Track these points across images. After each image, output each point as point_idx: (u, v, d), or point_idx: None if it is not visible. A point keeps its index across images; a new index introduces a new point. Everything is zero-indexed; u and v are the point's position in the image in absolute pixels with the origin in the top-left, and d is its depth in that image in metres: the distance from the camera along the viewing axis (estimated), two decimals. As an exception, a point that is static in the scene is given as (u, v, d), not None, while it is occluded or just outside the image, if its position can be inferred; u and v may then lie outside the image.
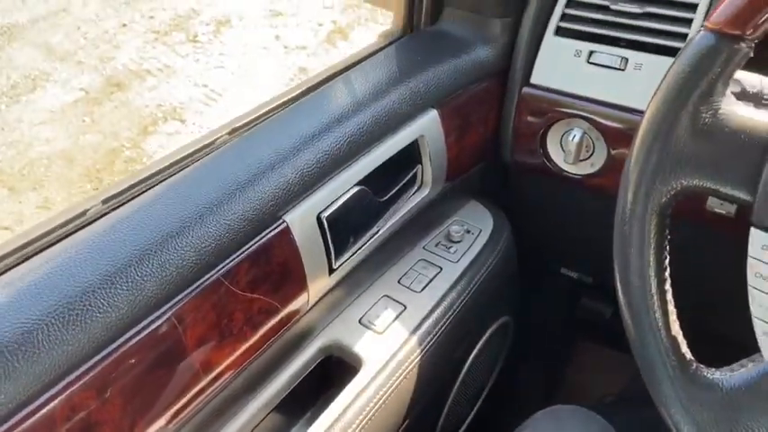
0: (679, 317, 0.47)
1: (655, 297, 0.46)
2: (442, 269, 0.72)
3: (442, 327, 0.68)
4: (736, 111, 0.42)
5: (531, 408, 0.72)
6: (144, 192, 0.53)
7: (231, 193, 0.52)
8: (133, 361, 0.45)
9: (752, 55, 0.41)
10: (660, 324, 0.46)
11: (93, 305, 0.43)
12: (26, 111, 2.75)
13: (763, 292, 0.43)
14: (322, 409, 0.59)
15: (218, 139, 0.58)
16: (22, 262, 0.46)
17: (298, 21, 3.28)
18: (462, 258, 0.74)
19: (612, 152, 0.69)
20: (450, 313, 0.69)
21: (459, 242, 0.76)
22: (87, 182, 2.33)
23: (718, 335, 0.65)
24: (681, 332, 0.47)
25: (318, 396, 0.64)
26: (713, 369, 0.46)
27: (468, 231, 0.77)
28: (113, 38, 3.28)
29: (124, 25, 3.36)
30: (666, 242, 0.46)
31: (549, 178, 0.75)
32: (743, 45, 0.41)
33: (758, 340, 0.44)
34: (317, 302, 0.61)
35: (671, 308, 0.46)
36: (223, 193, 0.51)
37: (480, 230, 0.77)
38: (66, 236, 0.49)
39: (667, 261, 0.46)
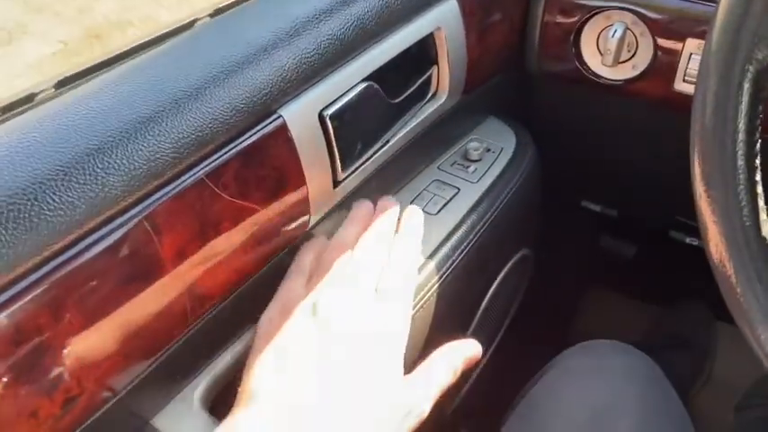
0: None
1: (743, 189, 0.37)
2: (459, 190, 0.63)
3: (461, 253, 0.59)
4: None
5: (542, 355, 0.65)
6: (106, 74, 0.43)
7: (215, 76, 0.42)
8: (96, 273, 0.36)
9: None
10: (749, 223, 0.37)
11: (40, 200, 0.34)
12: (2, 64, 2.61)
13: None
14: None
15: (197, 20, 0.48)
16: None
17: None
18: (482, 179, 0.65)
19: (660, 50, 0.60)
20: (470, 239, 0.60)
21: (478, 161, 0.67)
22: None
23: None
24: (772, 235, 0.38)
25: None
26: None
27: (489, 150, 0.68)
28: (92, -12, 3.11)
29: (103, -25, 3.19)
30: (759, 123, 0.37)
31: (580, 88, 0.66)
32: None
33: None
34: (318, 223, 0.52)
35: (761, 203, 0.38)
36: (205, 76, 0.42)
37: (502, 149, 0.68)
38: (7, 120, 0.39)
39: (758, 147, 0.37)
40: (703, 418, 1.09)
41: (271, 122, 0.44)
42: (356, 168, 0.53)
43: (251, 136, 0.43)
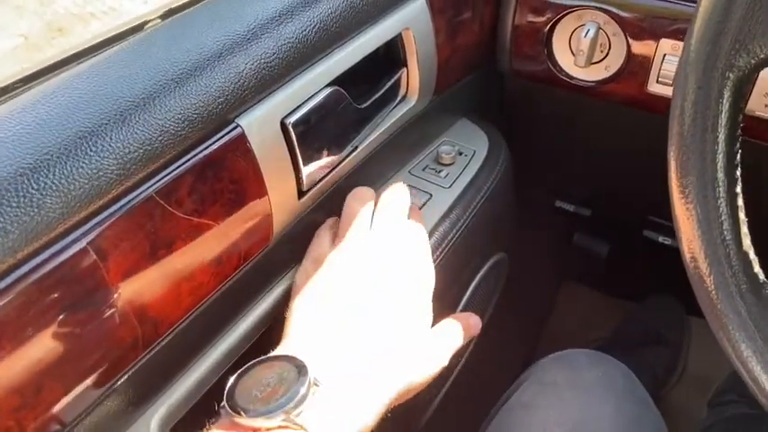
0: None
1: (723, 202, 0.36)
2: (432, 196, 0.61)
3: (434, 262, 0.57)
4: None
5: (517, 354, 0.63)
6: (44, 83, 0.39)
7: (164, 84, 0.39)
8: (33, 305, 0.33)
9: None
10: (729, 237, 0.36)
11: (-34, 227, 0.30)
12: (-41, 59, 2.52)
13: None
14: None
15: (147, 22, 0.45)
16: None
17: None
18: (455, 184, 0.63)
19: (633, 50, 0.58)
20: (442, 247, 0.58)
21: (450, 165, 0.64)
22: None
23: None
24: (752, 248, 0.37)
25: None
26: None
27: (461, 153, 0.66)
28: (53, -20, 3.01)
29: (64, -34, 3.09)
30: (739, 133, 0.36)
31: (553, 89, 0.64)
32: None
33: None
34: (282, 234, 0.50)
35: (742, 216, 0.36)
36: (153, 85, 0.39)
37: (474, 152, 0.66)
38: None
39: (739, 156, 0.36)
40: (678, 414, 1.09)
41: (227, 133, 0.41)
42: (322, 178, 0.50)
43: (206, 148, 0.40)
